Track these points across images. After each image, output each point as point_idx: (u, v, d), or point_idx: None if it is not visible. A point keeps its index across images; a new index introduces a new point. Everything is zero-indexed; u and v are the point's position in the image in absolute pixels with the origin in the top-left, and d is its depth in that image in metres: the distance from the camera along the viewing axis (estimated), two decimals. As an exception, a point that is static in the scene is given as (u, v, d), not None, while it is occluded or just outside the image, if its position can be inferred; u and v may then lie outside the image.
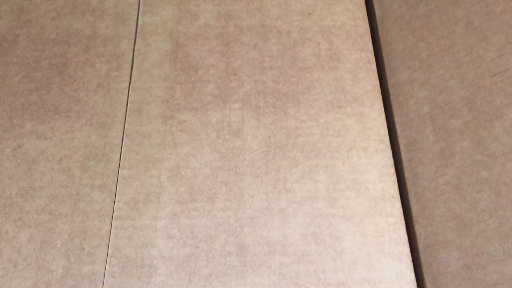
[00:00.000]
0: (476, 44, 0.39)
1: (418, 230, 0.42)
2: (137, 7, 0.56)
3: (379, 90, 0.51)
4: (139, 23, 0.55)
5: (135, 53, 0.53)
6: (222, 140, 0.49)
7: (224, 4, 0.57)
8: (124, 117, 0.49)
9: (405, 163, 0.46)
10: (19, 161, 0.47)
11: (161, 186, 0.46)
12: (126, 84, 0.51)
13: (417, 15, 0.46)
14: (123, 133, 0.49)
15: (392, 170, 0.47)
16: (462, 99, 0.39)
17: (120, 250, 0.44)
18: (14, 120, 0.49)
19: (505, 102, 0.36)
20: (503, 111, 0.36)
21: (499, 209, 0.36)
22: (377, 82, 0.52)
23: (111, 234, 0.44)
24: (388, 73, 0.50)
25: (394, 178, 0.47)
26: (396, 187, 0.46)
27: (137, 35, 0.54)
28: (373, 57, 0.53)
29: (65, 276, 0.42)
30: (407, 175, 0.45)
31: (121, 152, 0.48)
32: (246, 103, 0.51)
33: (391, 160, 0.48)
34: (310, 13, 0.56)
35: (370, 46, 0.53)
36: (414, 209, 0.43)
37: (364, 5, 0.56)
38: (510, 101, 0.36)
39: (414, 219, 0.43)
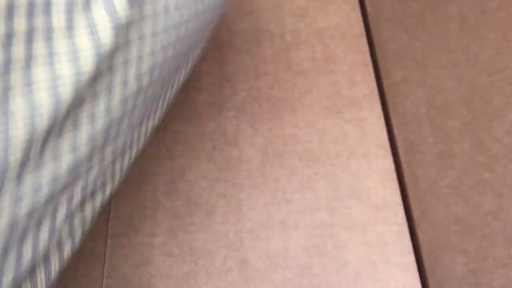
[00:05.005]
0: (472, 42, 0.41)
1: (420, 235, 0.45)
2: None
3: (377, 93, 0.53)
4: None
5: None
6: (218, 150, 0.51)
7: (214, 8, 0.59)
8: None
9: (404, 166, 0.48)
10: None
11: (156, 201, 0.48)
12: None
13: (410, 12, 0.48)
14: (115, 148, 0.51)
15: (393, 176, 0.49)
16: (460, 99, 0.41)
17: (117, 269, 0.46)
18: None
19: (504, 102, 0.38)
20: (502, 111, 0.38)
21: (503, 212, 0.38)
22: (374, 85, 0.54)
23: (106, 253, 0.46)
24: (382, 73, 0.52)
25: (396, 184, 0.49)
26: (399, 193, 0.48)
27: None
28: (370, 59, 0.55)
29: (60, 299, 0.44)
30: (407, 179, 0.47)
31: (113, 168, 0.50)
32: (241, 110, 0.53)
33: (393, 166, 0.50)
34: (303, 15, 0.58)
35: (365, 47, 0.55)
36: (415, 214, 0.46)
37: (358, 5, 0.58)
38: (509, 101, 0.38)
39: (416, 224, 0.45)
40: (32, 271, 0.25)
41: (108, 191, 0.31)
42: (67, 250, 0.29)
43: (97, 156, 0.28)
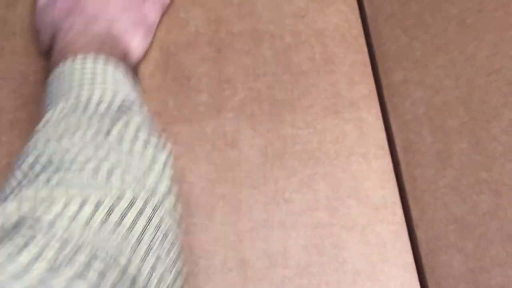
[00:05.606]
0: (470, 43, 0.42)
1: (419, 234, 0.45)
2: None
3: (376, 94, 0.54)
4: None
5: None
6: (218, 151, 0.52)
7: (214, 9, 0.60)
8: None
9: (402, 166, 0.49)
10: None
11: (156, 202, 0.49)
12: (116, 98, 0.54)
13: (409, 13, 0.49)
14: (115, 149, 0.52)
15: (392, 176, 0.50)
16: (458, 99, 0.42)
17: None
18: (3, 138, 0.52)
19: (502, 102, 0.39)
20: (500, 110, 0.39)
21: (500, 211, 0.39)
22: (373, 86, 0.54)
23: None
24: (381, 74, 0.53)
25: (394, 184, 0.50)
26: (397, 193, 0.49)
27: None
28: (368, 59, 0.56)
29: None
30: (405, 179, 0.48)
31: (113, 169, 0.51)
32: (241, 111, 0.54)
33: (391, 166, 0.51)
34: (302, 16, 0.59)
35: (365, 48, 0.56)
36: (414, 213, 0.46)
37: (356, 6, 0.59)
38: (507, 101, 0.39)
39: (414, 223, 0.46)
40: None
41: None
42: None
43: None
